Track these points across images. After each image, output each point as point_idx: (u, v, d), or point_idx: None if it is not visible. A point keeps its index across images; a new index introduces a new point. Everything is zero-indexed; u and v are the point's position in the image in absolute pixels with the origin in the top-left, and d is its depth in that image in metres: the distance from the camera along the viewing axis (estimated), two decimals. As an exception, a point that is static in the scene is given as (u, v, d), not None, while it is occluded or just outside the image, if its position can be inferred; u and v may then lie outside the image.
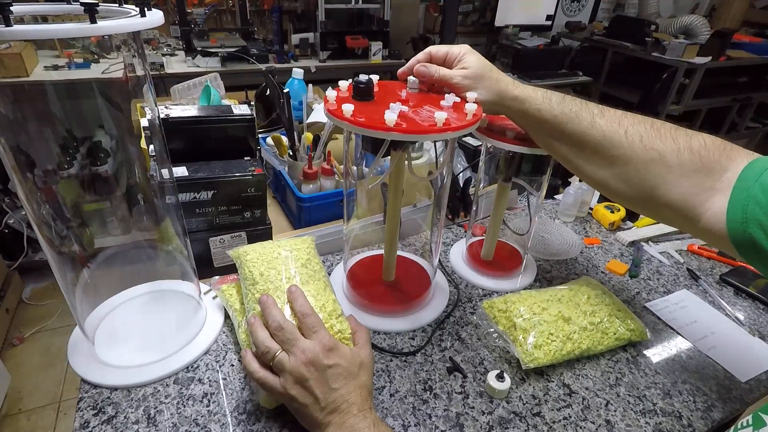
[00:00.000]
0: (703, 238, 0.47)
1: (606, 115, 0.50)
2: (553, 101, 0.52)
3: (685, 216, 0.46)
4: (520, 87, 0.53)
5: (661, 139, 0.47)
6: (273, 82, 0.98)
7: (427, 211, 0.84)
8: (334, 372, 0.45)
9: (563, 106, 0.51)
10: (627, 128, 0.48)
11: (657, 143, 0.47)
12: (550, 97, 0.52)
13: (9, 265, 1.86)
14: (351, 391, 0.45)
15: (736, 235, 0.41)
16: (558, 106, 0.51)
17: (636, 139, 0.48)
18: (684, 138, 0.47)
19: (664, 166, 0.46)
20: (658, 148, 0.47)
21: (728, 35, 2.62)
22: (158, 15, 0.43)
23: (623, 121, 0.49)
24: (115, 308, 0.63)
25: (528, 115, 0.53)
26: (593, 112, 0.50)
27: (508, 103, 0.53)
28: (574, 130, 0.51)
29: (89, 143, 0.62)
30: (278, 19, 2.37)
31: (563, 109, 0.51)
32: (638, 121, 0.49)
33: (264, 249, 0.59)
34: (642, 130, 0.48)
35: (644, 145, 0.47)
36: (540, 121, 0.53)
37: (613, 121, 0.49)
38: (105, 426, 0.49)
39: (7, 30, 0.34)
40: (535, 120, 0.53)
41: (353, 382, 0.46)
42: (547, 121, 0.52)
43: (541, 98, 0.52)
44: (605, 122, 0.49)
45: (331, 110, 0.49)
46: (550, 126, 0.52)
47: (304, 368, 0.44)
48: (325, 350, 0.46)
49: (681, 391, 0.58)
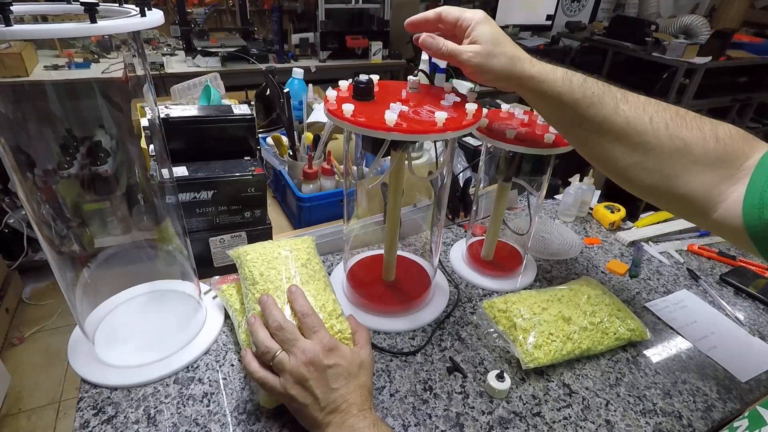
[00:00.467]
0: (715, 230, 0.45)
1: (630, 100, 0.47)
2: (574, 83, 0.47)
3: (700, 207, 0.45)
4: (537, 65, 0.48)
5: (687, 127, 0.45)
6: (273, 82, 0.98)
7: (427, 211, 0.84)
8: (334, 372, 0.45)
9: (585, 89, 0.47)
10: (652, 115, 0.46)
11: (683, 131, 0.45)
12: (570, 78, 0.47)
13: (9, 265, 1.86)
14: (351, 391, 0.45)
15: (752, 221, 0.40)
16: (579, 88, 0.47)
17: (661, 126, 0.45)
18: (710, 126, 0.45)
19: (689, 155, 0.44)
20: (684, 137, 0.44)
21: (728, 35, 2.62)
22: (158, 15, 0.43)
23: (648, 107, 0.46)
24: (115, 308, 0.63)
25: (546, 97, 0.49)
26: (616, 96, 0.47)
27: (524, 82, 0.48)
28: (596, 115, 0.47)
29: (89, 143, 0.62)
30: (278, 19, 2.37)
31: (585, 92, 0.47)
32: (663, 108, 0.46)
33: (264, 249, 0.59)
34: (668, 117, 0.45)
35: (669, 134, 0.45)
36: (559, 105, 0.48)
37: (637, 107, 0.46)
38: (105, 426, 0.49)
39: (7, 30, 0.34)
40: (553, 102, 0.49)
41: (353, 382, 0.46)
42: (566, 105, 0.48)
43: (561, 79, 0.47)
44: (629, 108, 0.46)
45: (331, 110, 0.49)
46: (570, 110, 0.48)
47: (304, 368, 0.44)
48: (325, 350, 0.46)
49: (681, 391, 0.58)
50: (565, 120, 0.50)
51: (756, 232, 0.40)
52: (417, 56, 2.46)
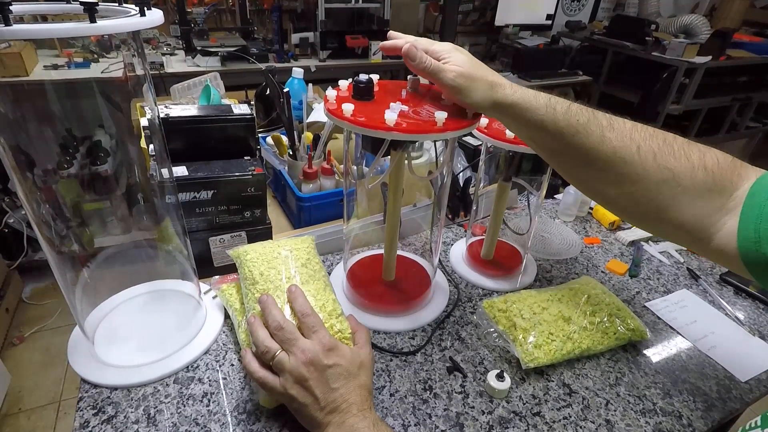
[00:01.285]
0: (715, 258, 0.45)
1: (616, 128, 0.45)
2: (557, 111, 0.45)
3: (696, 237, 0.44)
4: (519, 91, 0.47)
5: (674, 156, 0.43)
6: (273, 81, 0.98)
7: (427, 210, 0.84)
8: (333, 372, 0.45)
9: (569, 117, 0.45)
10: (639, 144, 0.44)
11: (671, 161, 0.43)
12: (554, 105, 0.45)
13: (9, 265, 1.86)
14: (351, 390, 0.45)
15: (748, 254, 0.39)
16: (563, 116, 0.45)
17: (649, 157, 0.44)
18: (698, 155, 0.43)
19: (678, 186, 0.43)
20: (672, 167, 0.43)
21: (728, 35, 2.62)
22: (158, 14, 0.43)
23: (635, 135, 0.45)
24: (115, 308, 0.63)
25: (529, 126, 0.47)
26: (602, 124, 0.45)
27: (505, 109, 0.47)
28: (582, 144, 0.45)
29: (89, 143, 0.62)
30: (278, 19, 2.36)
31: (569, 121, 0.45)
32: (649, 135, 0.45)
33: (264, 249, 0.59)
34: (655, 146, 0.44)
35: (657, 164, 0.43)
36: (543, 133, 0.47)
37: (624, 135, 0.45)
38: (105, 426, 0.49)
39: (7, 29, 0.34)
40: (536, 131, 0.47)
41: (353, 382, 0.46)
42: (550, 133, 0.46)
43: (545, 106, 0.46)
44: (615, 136, 0.44)
45: (331, 110, 0.49)
46: (554, 138, 0.46)
47: (304, 368, 0.44)
48: (324, 350, 0.46)
49: (681, 391, 0.58)
50: (550, 148, 0.49)
51: (753, 264, 0.39)
52: (417, 56, 2.46)
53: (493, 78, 0.47)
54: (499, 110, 0.47)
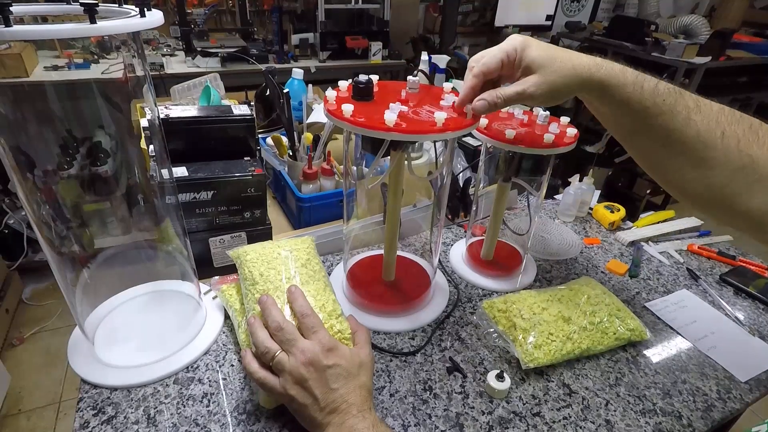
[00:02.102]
0: None
1: (703, 110, 0.44)
2: (645, 89, 0.44)
3: (759, 225, 0.43)
4: (604, 67, 0.45)
5: (758, 143, 0.42)
6: (273, 82, 0.98)
7: (427, 211, 0.84)
8: (333, 372, 0.45)
9: (656, 96, 0.44)
10: (724, 128, 0.43)
11: (753, 148, 0.42)
12: (641, 83, 0.44)
13: (9, 265, 1.86)
14: (350, 391, 0.45)
15: None
16: (650, 95, 0.44)
17: (732, 142, 0.42)
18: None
19: (755, 173, 0.42)
20: (753, 154, 0.42)
21: (728, 35, 2.62)
22: (158, 15, 0.43)
23: (721, 119, 0.43)
24: (115, 308, 0.63)
25: (613, 104, 0.45)
26: (689, 105, 0.44)
27: (590, 88, 0.45)
28: (665, 125, 0.44)
29: (89, 143, 0.62)
30: (278, 20, 2.37)
31: (656, 100, 0.44)
32: (736, 120, 0.43)
33: (264, 249, 0.59)
34: (740, 131, 0.43)
35: (739, 150, 0.42)
36: (626, 112, 0.45)
37: (710, 118, 0.43)
38: (105, 426, 0.49)
39: (7, 30, 0.34)
40: (620, 109, 0.46)
41: (353, 383, 0.46)
42: (634, 112, 0.45)
43: (632, 84, 0.44)
44: (701, 119, 0.43)
45: (331, 110, 0.49)
46: (638, 118, 0.45)
47: (304, 368, 0.44)
48: (324, 350, 0.46)
49: (681, 391, 0.58)
50: (629, 128, 0.47)
51: None
52: (417, 56, 2.46)
53: (572, 61, 0.45)
54: (587, 90, 0.46)
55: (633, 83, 0.44)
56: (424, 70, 1.05)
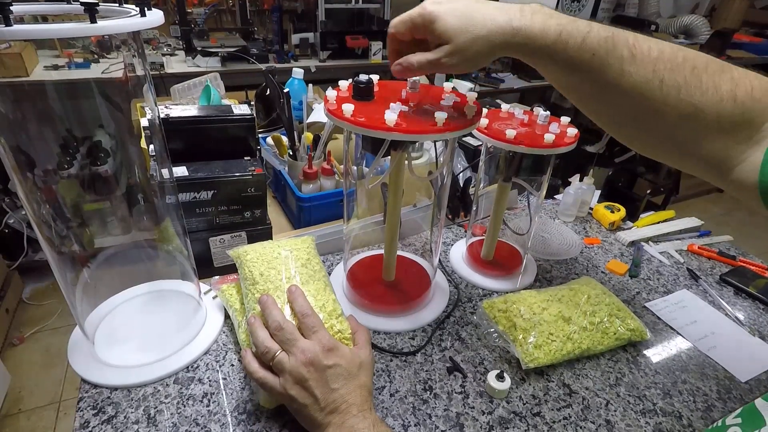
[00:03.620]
0: (730, 190, 0.42)
1: (638, 59, 0.40)
2: (569, 46, 0.41)
3: (715, 169, 0.42)
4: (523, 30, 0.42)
5: (701, 89, 0.39)
6: (273, 82, 0.98)
7: (427, 211, 0.84)
8: (333, 372, 0.45)
9: (583, 53, 0.41)
10: (663, 77, 0.40)
11: (696, 95, 0.39)
12: (566, 40, 0.41)
13: (9, 265, 1.86)
14: (351, 391, 0.45)
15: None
16: (576, 53, 0.41)
17: (672, 91, 0.40)
18: (729, 86, 0.39)
19: (700, 122, 0.40)
20: (696, 102, 0.39)
21: (728, 35, 2.63)
22: (158, 15, 0.43)
23: (659, 66, 0.40)
24: (115, 308, 0.63)
25: (539, 65, 0.44)
26: (622, 55, 0.41)
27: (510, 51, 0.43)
28: (598, 80, 0.42)
29: (89, 143, 0.62)
30: (278, 19, 2.36)
31: (583, 57, 0.41)
32: (677, 65, 0.40)
33: (264, 249, 0.59)
34: (681, 79, 0.40)
35: (681, 98, 0.40)
36: (553, 71, 0.44)
37: (646, 67, 0.40)
38: (105, 426, 0.49)
39: (7, 30, 0.34)
40: (546, 69, 0.44)
41: (353, 383, 0.46)
42: (562, 71, 0.43)
43: (553, 44, 0.41)
44: (636, 70, 0.40)
45: (331, 110, 0.49)
46: (568, 75, 0.43)
47: (304, 368, 0.44)
48: (324, 350, 0.46)
49: (681, 391, 0.58)
50: (564, 85, 0.46)
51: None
52: (417, 56, 2.45)
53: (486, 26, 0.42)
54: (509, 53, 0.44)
55: (555, 42, 0.41)
56: (425, 69, 1.05)
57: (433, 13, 0.43)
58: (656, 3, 3.06)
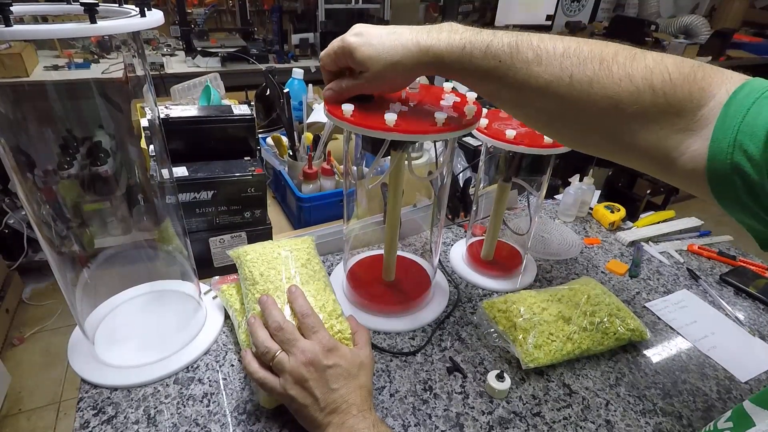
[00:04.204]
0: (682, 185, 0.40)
1: (543, 58, 0.40)
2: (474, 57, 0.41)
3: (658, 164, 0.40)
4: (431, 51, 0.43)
5: (613, 80, 0.38)
6: (273, 82, 0.98)
7: (427, 211, 0.84)
8: (333, 372, 0.45)
9: (488, 61, 0.41)
10: (572, 72, 0.39)
11: (610, 87, 0.38)
12: (470, 52, 0.41)
13: (9, 265, 1.86)
14: (350, 391, 0.45)
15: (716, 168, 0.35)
16: (483, 62, 0.41)
17: (584, 85, 0.39)
18: (642, 72, 0.38)
19: (622, 113, 0.38)
20: (612, 94, 0.38)
21: (728, 35, 2.63)
22: (158, 15, 0.43)
23: (565, 63, 0.39)
24: (115, 308, 0.63)
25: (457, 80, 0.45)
26: (527, 58, 0.40)
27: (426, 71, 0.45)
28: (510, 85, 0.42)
29: (89, 143, 0.61)
30: (278, 20, 2.36)
31: (489, 65, 0.41)
32: (584, 58, 0.39)
33: (264, 249, 0.59)
34: (590, 71, 0.39)
35: (594, 92, 0.39)
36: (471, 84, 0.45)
37: (553, 65, 0.40)
38: (105, 426, 0.49)
39: (7, 30, 0.34)
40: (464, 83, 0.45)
41: (353, 383, 0.46)
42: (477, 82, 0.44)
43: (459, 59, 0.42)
44: (544, 69, 0.40)
45: (331, 110, 0.49)
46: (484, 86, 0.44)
47: (304, 369, 0.44)
48: (324, 351, 0.46)
49: (681, 391, 0.58)
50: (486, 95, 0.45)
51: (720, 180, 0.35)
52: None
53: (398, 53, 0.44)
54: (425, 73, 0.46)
55: (461, 55, 0.42)
56: (425, 70, 1.05)
57: (351, 44, 0.45)
58: (656, 3, 3.07)
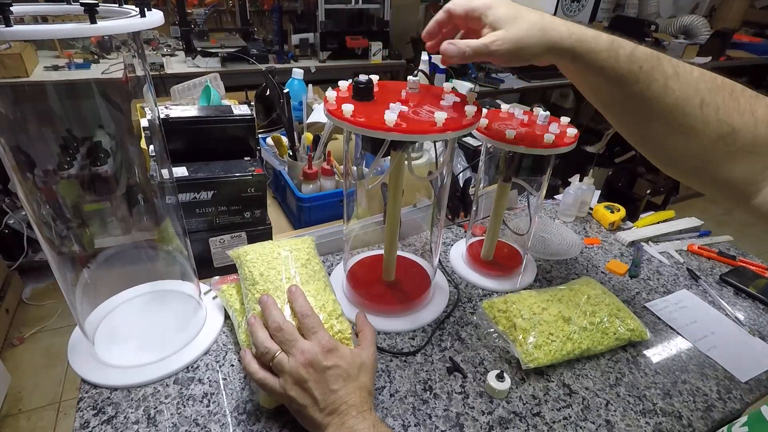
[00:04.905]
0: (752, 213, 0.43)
1: (681, 77, 0.42)
2: (620, 56, 0.42)
3: (739, 193, 0.43)
4: (577, 32, 0.42)
5: (739, 111, 0.41)
6: (273, 82, 0.98)
7: (427, 211, 0.84)
8: (333, 373, 0.45)
9: (632, 63, 0.42)
10: (704, 96, 0.42)
11: (734, 117, 0.41)
12: (616, 49, 0.42)
13: (9, 265, 1.86)
14: (350, 392, 0.45)
15: None
16: (626, 62, 0.42)
17: (712, 111, 0.42)
18: (764, 110, 0.42)
19: (736, 142, 0.41)
20: (734, 123, 0.41)
21: (728, 35, 2.63)
22: (158, 15, 0.43)
23: (700, 86, 0.42)
24: (115, 308, 0.63)
25: (587, 71, 0.44)
26: (667, 72, 0.42)
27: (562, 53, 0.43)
28: (642, 92, 0.43)
29: (89, 143, 0.62)
30: (278, 20, 2.36)
31: (631, 68, 0.42)
32: (717, 86, 0.42)
33: (264, 249, 0.59)
34: (720, 99, 0.42)
35: (719, 118, 0.41)
36: (601, 80, 0.44)
37: (689, 85, 0.42)
38: (105, 426, 0.49)
39: (7, 30, 0.34)
40: (594, 78, 0.45)
41: (352, 384, 0.46)
42: (610, 80, 0.44)
43: (606, 50, 0.42)
44: (680, 86, 0.42)
45: (331, 110, 0.49)
46: (614, 86, 0.44)
47: (303, 369, 0.44)
48: (324, 351, 0.45)
49: (681, 391, 0.58)
50: (606, 96, 0.47)
51: None
52: (417, 56, 2.46)
53: (542, 21, 0.43)
54: (556, 54, 0.44)
55: (607, 50, 0.42)
56: (425, 70, 1.05)
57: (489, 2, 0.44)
58: (656, 3, 3.06)
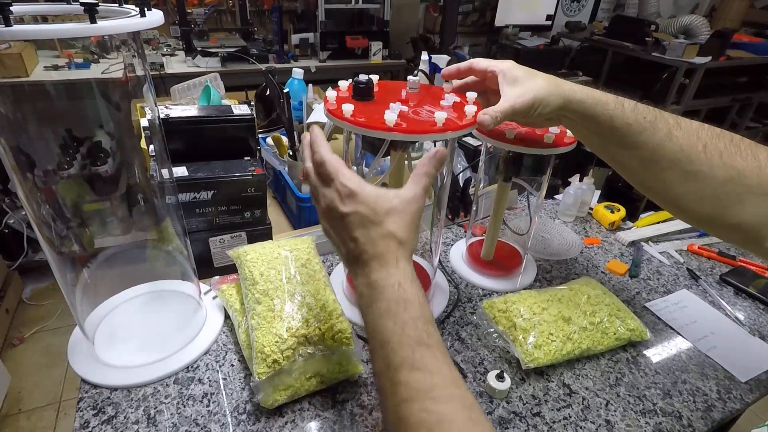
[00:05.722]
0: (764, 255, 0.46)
1: (683, 126, 0.46)
2: (626, 107, 0.47)
3: (751, 236, 0.45)
4: (584, 90, 0.48)
5: (741, 155, 0.44)
6: (273, 82, 0.98)
7: (427, 211, 0.83)
8: (351, 221, 0.40)
9: (637, 114, 0.47)
10: (706, 142, 0.45)
11: (737, 160, 0.44)
12: (622, 102, 0.47)
13: (9, 265, 1.86)
14: (372, 240, 0.40)
15: None
16: (632, 113, 0.47)
17: (715, 155, 0.44)
18: (766, 154, 0.44)
19: (743, 185, 0.43)
20: (738, 166, 0.44)
21: (728, 35, 2.63)
22: (158, 15, 0.43)
23: (701, 133, 0.46)
24: (115, 308, 0.63)
25: (597, 121, 0.48)
26: (669, 122, 0.46)
27: (573, 107, 0.48)
28: (648, 141, 0.46)
29: (89, 143, 0.62)
30: (278, 19, 2.37)
31: (637, 117, 0.47)
32: (717, 134, 0.46)
33: (264, 249, 0.59)
34: (721, 145, 0.45)
35: (723, 162, 0.44)
36: (610, 129, 0.48)
37: (690, 133, 0.46)
38: (105, 426, 0.49)
39: (7, 30, 0.34)
40: (604, 127, 0.48)
41: (375, 231, 0.40)
42: (618, 129, 0.47)
43: (613, 103, 0.47)
44: (682, 134, 0.46)
45: (331, 110, 0.49)
46: (622, 135, 0.47)
47: (325, 219, 0.42)
48: (341, 198, 0.40)
49: (681, 391, 0.58)
50: (615, 145, 0.49)
51: None
52: (417, 56, 2.46)
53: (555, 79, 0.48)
54: (570, 110, 0.48)
55: (614, 102, 0.47)
56: (425, 70, 1.05)
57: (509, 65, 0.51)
58: (656, 3, 3.06)
